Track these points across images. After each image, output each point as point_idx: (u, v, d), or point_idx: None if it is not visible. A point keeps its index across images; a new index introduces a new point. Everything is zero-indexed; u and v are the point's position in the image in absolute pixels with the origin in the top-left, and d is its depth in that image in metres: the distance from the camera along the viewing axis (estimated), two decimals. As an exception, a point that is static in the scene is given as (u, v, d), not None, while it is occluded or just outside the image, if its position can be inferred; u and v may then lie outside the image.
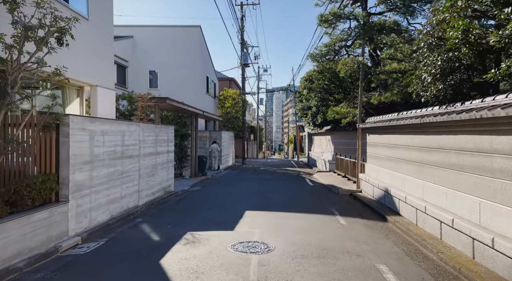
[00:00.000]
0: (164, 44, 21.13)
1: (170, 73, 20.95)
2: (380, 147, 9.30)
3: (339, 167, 15.49)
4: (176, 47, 21.15)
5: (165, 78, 20.97)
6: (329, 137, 18.24)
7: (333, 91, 16.96)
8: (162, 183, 9.84)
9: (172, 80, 20.85)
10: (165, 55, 21.11)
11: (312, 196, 10.40)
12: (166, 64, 21.01)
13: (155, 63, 21.02)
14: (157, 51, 21.07)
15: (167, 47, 21.11)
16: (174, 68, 21.00)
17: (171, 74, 20.93)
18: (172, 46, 21.13)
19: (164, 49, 21.08)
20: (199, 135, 19.66)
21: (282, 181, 14.37)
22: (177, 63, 21.07)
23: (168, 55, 21.13)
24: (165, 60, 21.04)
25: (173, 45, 21.15)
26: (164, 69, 21.01)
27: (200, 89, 21.55)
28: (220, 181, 14.39)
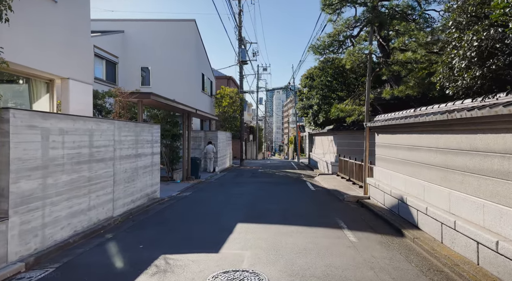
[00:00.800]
0: (157, 39, 20.01)
1: (163, 70, 19.83)
2: (393, 149, 8.15)
3: (343, 169, 14.35)
4: (170, 42, 20.03)
5: (158, 75, 19.84)
6: (332, 137, 17.11)
7: (336, 88, 15.83)
8: (145, 189, 8.69)
9: (165, 77, 19.73)
10: (158, 51, 19.99)
11: (315, 204, 9.26)
12: (159, 61, 19.89)
13: (147, 59, 19.90)
14: (150, 47, 19.95)
15: (160, 43, 19.99)
16: (167, 64, 19.88)
17: (164, 71, 19.81)
18: (166, 42, 20.01)
19: (157, 45, 19.96)
20: (193, 136, 18.54)
21: (281, 185, 13.23)
22: (171, 59, 19.95)
23: (161, 51, 20.01)
24: (158, 56, 19.93)
25: (166, 40, 20.04)
26: (157, 65, 19.89)
27: (195, 87, 20.43)
28: (214, 185, 13.25)
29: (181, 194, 10.82)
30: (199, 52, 21.52)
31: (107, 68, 18.29)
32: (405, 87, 7.17)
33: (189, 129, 14.86)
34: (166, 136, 14.14)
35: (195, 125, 20.93)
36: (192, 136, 18.48)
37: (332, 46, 10.66)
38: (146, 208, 8.36)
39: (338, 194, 10.66)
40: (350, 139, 15.47)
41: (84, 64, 8.46)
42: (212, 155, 17.90)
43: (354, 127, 15.16)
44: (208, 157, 17.89)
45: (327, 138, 18.53)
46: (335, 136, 16.43)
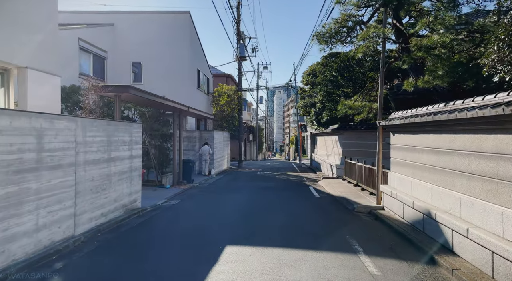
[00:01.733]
0: (149, 33, 18.71)
1: (156, 66, 18.54)
2: (414, 152, 6.83)
3: (350, 173, 13.03)
4: (163, 36, 18.74)
5: (150, 71, 18.56)
6: (336, 137, 15.79)
7: (341, 84, 14.51)
8: (121, 199, 7.40)
9: (158, 73, 18.44)
10: (150, 46, 18.70)
11: (320, 216, 7.94)
12: (151, 56, 18.60)
13: (139, 54, 18.62)
14: (141, 41, 18.66)
15: (152, 37, 18.70)
16: (160, 59, 18.59)
17: (157, 67, 18.52)
18: (158, 35, 18.72)
19: (149, 39, 18.67)
20: (187, 136, 17.26)
21: (281, 191, 11.91)
22: (164, 54, 18.66)
23: (153, 45, 18.72)
24: (150, 51, 18.64)
25: (159, 34, 18.74)
26: (149, 61, 18.60)
27: (190, 84, 19.14)
28: (207, 191, 11.94)
29: (168, 202, 9.51)
30: (195, 47, 20.23)
31: (95, 63, 17.00)
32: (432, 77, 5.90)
33: (180, 128, 13.57)
34: (155, 136, 12.87)
35: (190, 124, 19.65)
36: (185, 136, 17.20)
37: (339, 34, 9.35)
38: (121, 222, 7.06)
39: (346, 203, 9.35)
40: (357, 139, 14.16)
41: (48, 51, 7.17)
42: (208, 156, 16.61)
43: (361, 126, 13.85)
44: (203, 158, 16.61)
45: (331, 139, 17.22)
46: (340, 137, 15.13)
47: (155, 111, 13.10)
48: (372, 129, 13.56)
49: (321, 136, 21.11)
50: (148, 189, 11.59)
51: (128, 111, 13.13)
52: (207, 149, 16.57)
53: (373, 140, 13.49)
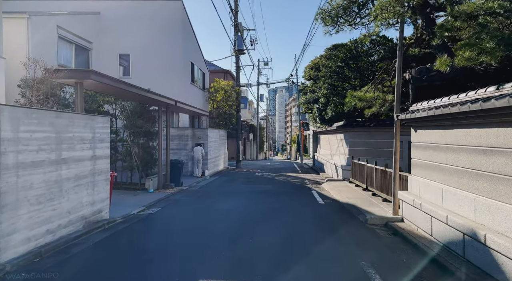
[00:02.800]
0: (138, 22, 17.27)
1: (145, 58, 17.10)
2: (448, 152, 5.35)
3: (357, 175, 11.55)
4: (153, 25, 17.29)
5: (139, 64, 17.12)
6: (342, 135, 14.31)
7: (347, 76, 13.01)
8: (79, 211, 5.96)
9: (148, 65, 17.00)
10: (139, 36, 17.26)
11: (327, 231, 6.46)
12: (140, 47, 17.16)
13: (127, 45, 17.18)
14: (130, 31, 17.23)
15: (142, 26, 17.25)
16: (150, 51, 17.15)
17: (147, 59, 17.08)
18: (148, 25, 17.28)
19: (138, 29, 17.22)
20: (178, 134, 15.82)
21: (280, 196, 10.44)
22: (154, 45, 17.22)
23: (143, 35, 17.28)
24: (139, 41, 17.20)
25: (149, 23, 17.30)
26: (138, 52, 17.17)
27: (183, 77, 17.69)
28: (195, 196, 10.49)
29: (145, 211, 8.07)
30: (188, 38, 18.78)
31: (78, 54, 15.58)
32: (475, 52, 4.45)
33: (168, 125, 12.12)
34: (138, 134, 11.43)
35: (183, 122, 18.20)
36: (176, 135, 15.77)
37: (347, 12, 7.88)
38: (75, 239, 5.61)
39: (356, 212, 7.87)
40: (365, 137, 12.66)
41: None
42: (200, 157, 15.18)
43: (370, 123, 12.36)
44: (196, 160, 15.18)
45: (336, 137, 15.74)
46: (346, 134, 13.64)
47: (139, 106, 11.66)
48: (383, 126, 12.07)
49: (325, 134, 19.62)
50: (128, 194, 10.17)
51: (109, 106, 11.70)
52: (199, 150, 15.14)
53: (384, 138, 12.00)
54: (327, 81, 13.23)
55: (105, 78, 6.85)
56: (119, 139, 11.70)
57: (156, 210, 8.13)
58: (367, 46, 12.85)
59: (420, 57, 10.33)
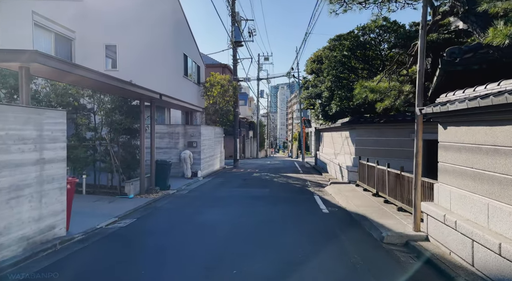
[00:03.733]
0: (125, 10, 15.91)
1: (133, 48, 15.75)
2: (497, 156, 4.00)
3: (366, 178, 10.22)
4: (142, 14, 15.94)
5: (127, 55, 15.77)
6: (347, 133, 12.96)
7: (354, 67, 11.65)
8: (18, 230, 4.65)
9: (136, 57, 15.66)
10: (127, 25, 15.91)
11: (335, 255, 5.12)
12: (128, 37, 15.81)
13: (114, 35, 15.84)
14: (117, 20, 15.88)
15: (129, 14, 15.89)
16: (138, 41, 15.80)
17: (135, 50, 15.73)
18: (136, 13, 15.92)
19: (126, 17, 15.86)
20: (168, 131, 14.51)
21: (278, 203, 9.12)
22: (143, 35, 15.88)
23: (130, 24, 15.93)
24: (127, 31, 15.84)
25: (137, 11, 15.94)
26: (126, 43, 15.81)
27: (174, 70, 16.34)
28: (180, 203, 9.18)
29: (115, 224, 6.77)
30: (180, 28, 17.41)
31: (58, 44, 14.26)
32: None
33: (152, 121, 10.80)
34: (117, 131, 10.12)
35: (175, 118, 16.89)
36: (166, 132, 14.46)
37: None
38: (6, 269, 4.31)
39: (368, 225, 6.54)
40: (375, 135, 11.31)
41: None
42: (188, 157, 13.91)
43: (380, 119, 11.00)
44: (182, 158, 13.92)
45: (341, 135, 14.39)
46: (352, 132, 12.29)
47: (121, 100, 10.34)
48: (394, 122, 10.71)
49: (328, 132, 18.28)
50: (103, 201, 8.88)
51: (83, 99, 10.38)
52: (188, 154, 13.86)
53: (395, 136, 10.66)
54: (331, 73, 11.86)
55: (52, 61, 5.50)
56: (98, 137, 10.39)
57: (129, 223, 6.82)
58: (376, 32, 11.46)
59: (439, 43, 8.95)
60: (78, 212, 7.37)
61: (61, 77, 6.64)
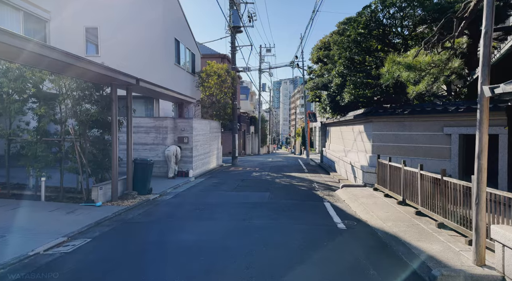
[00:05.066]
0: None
1: (118, 32, 13.92)
2: None
3: (388, 181, 8.37)
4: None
5: (110, 39, 13.94)
6: (362, 127, 11.09)
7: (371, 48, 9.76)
8: None
9: (120, 41, 13.83)
10: (109, 6, 14.07)
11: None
12: (111, 18, 13.97)
13: (95, 16, 14.01)
14: (98, 0, 14.04)
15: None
16: (123, 24, 13.96)
17: (119, 33, 13.90)
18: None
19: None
20: (155, 125, 12.72)
21: (280, 214, 7.30)
22: (128, 16, 14.03)
23: (114, 5, 14.10)
24: (109, 12, 14.01)
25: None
26: (109, 25, 13.98)
27: (164, 57, 14.50)
28: (157, 215, 7.38)
29: (60, 247, 4.98)
30: (171, 10, 15.53)
31: (29, 25, 12.47)
32: None
33: (129, 112, 8.98)
34: (83, 123, 8.33)
35: (164, 111, 15.07)
36: (153, 126, 12.67)
37: None
38: None
39: (405, 252, 4.72)
40: (396, 129, 9.45)
41: None
42: (173, 154, 12.15)
43: (403, 110, 9.13)
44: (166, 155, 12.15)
45: (352, 129, 12.53)
46: (368, 126, 10.42)
47: (90, 87, 8.53)
48: (421, 114, 8.83)
49: (336, 126, 16.41)
50: (63, 210, 7.11)
51: (45, 85, 8.58)
52: (172, 151, 12.09)
53: (424, 130, 8.80)
54: (344, 55, 9.96)
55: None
56: (63, 131, 8.61)
57: (78, 245, 5.03)
58: (397, 6, 9.55)
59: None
60: (20, 228, 5.64)
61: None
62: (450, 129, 8.23)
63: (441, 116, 8.35)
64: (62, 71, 6.73)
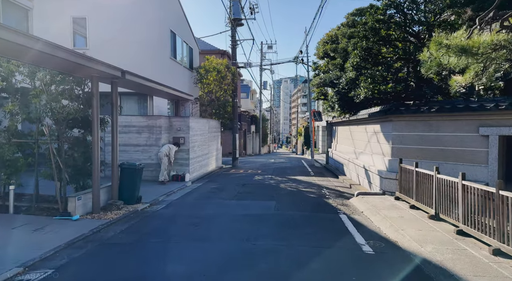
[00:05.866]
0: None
1: (107, 22, 12.73)
2: None
3: (413, 190, 7.20)
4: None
5: (99, 31, 12.74)
6: (378, 127, 9.91)
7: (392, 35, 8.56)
8: None
9: (110, 33, 12.65)
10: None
11: None
12: (101, 9, 12.77)
13: (83, 6, 12.81)
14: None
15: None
16: (114, 14, 12.77)
17: (110, 24, 12.72)
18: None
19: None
20: (148, 124, 11.54)
21: (290, 233, 6.12)
22: (119, 7, 12.84)
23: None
24: (99, 2, 12.81)
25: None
26: (99, 15, 12.78)
27: (158, 50, 13.31)
28: (143, 231, 6.20)
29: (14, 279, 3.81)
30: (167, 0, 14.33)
31: (8, 13, 11.31)
32: None
33: (114, 109, 7.79)
34: (58, 122, 7.16)
35: (159, 109, 13.88)
36: (145, 125, 11.51)
37: None
38: None
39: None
40: (421, 130, 8.27)
41: None
42: (164, 156, 10.96)
43: (429, 108, 7.94)
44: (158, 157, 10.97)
45: (366, 129, 11.35)
46: (387, 125, 9.24)
47: (71, 81, 7.36)
48: (453, 112, 7.63)
49: (344, 126, 15.23)
50: (29, 226, 5.95)
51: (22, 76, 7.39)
52: (164, 152, 10.91)
53: (455, 130, 7.62)
54: (360, 45, 8.75)
55: None
56: (40, 131, 7.44)
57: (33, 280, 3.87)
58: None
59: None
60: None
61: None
62: (488, 130, 7.06)
63: (476, 114, 7.19)
64: (19, 57, 5.54)
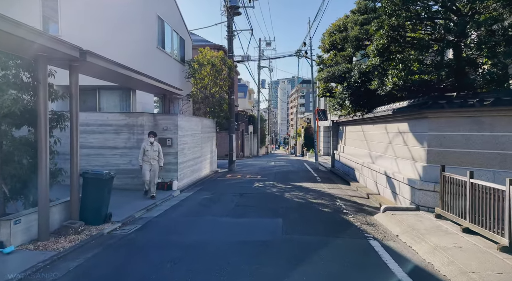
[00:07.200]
0: (71, -50, 11.05)
1: (83, 6, 10.93)
2: None
3: (467, 209, 5.44)
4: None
5: (73, 13, 10.94)
6: (405, 125, 8.15)
7: (427, 8, 6.81)
8: None
9: (86, 15, 10.85)
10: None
11: None
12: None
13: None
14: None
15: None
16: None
17: (85, 6, 10.92)
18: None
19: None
20: (128, 123, 9.71)
21: (309, 272, 4.35)
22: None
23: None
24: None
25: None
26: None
27: (144, 39, 11.50)
28: (98, 274, 4.39)
29: None
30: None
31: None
32: None
33: (73, 101, 5.98)
34: (3, 117, 5.34)
35: (143, 105, 12.05)
36: (125, 124, 9.69)
37: None
38: None
39: None
40: (467, 129, 6.52)
41: None
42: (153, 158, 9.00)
43: (481, 100, 6.21)
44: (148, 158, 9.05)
45: (387, 128, 9.59)
46: (420, 123, 7.48)
47: (9, 61, 5.56)
48: (510, 105, 5.91)
49: (355, 125, 13.47)
50: None
51: None
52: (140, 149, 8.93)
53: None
54: (387, 23, 6.98)
55: None
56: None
57: None
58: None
59: None
60: None
61: None
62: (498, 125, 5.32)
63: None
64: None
